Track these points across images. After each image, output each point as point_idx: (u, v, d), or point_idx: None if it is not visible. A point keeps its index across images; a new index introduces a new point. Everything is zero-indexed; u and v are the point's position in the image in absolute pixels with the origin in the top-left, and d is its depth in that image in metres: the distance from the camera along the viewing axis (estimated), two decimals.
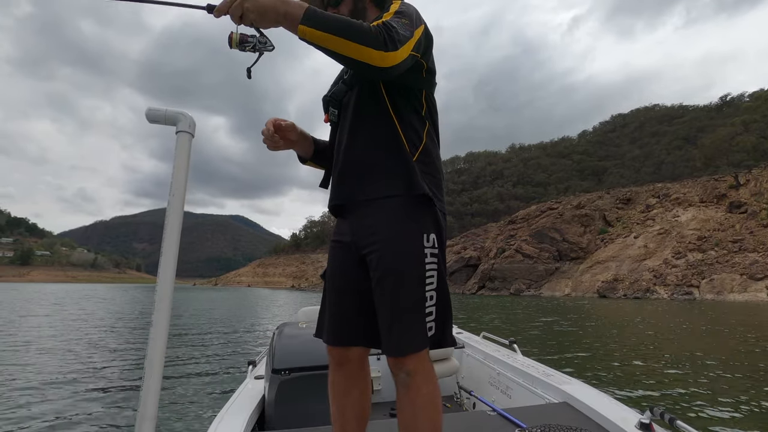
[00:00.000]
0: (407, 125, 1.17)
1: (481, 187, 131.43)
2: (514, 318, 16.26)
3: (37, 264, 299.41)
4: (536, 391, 2.11)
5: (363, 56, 0.98)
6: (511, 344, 2.68)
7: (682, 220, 56.54)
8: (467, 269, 77.07)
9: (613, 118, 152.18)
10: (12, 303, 22.00)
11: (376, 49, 0.98)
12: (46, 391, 4.50)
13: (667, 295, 44.15)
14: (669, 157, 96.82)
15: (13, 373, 5.28)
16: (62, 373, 5.35)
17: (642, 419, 1.52)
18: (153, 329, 0.74)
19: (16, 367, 5.66)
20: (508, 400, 2.31)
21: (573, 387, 1.96)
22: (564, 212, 72.05)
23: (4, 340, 8.11)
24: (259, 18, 0.99)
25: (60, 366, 5.78)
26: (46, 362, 6.02)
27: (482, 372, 2.68)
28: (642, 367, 6.32)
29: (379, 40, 0.99)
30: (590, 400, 1.77)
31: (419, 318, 1.08)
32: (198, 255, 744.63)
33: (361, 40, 0.97)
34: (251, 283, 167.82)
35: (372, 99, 1.17)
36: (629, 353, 7.65)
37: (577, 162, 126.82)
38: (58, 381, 4.94)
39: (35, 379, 4.98)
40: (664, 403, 4.39)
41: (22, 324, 11.57)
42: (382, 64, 1.01)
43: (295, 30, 0.99)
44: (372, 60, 0.99)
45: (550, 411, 1.82)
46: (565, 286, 57.62)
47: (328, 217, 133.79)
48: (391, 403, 2.52)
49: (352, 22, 0.99)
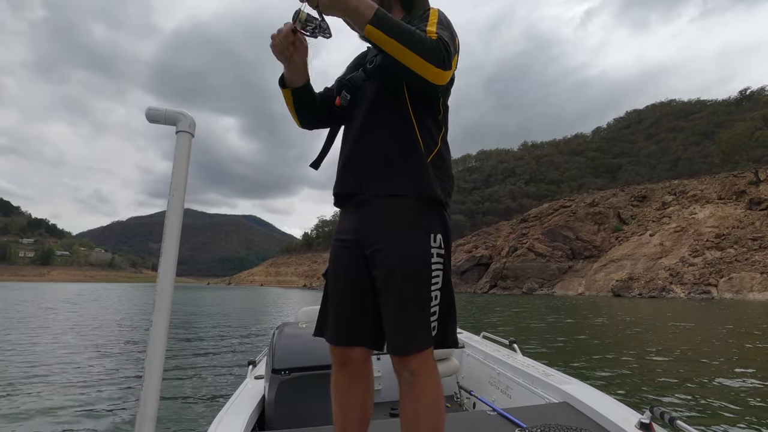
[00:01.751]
0: (424, 128, 1.17)
1: (493, 185, 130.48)
2: (521, 317, 16.12)
3: (57, 264, 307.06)
4: (536, 391, 2.10)
5: (422, 70, 1.01)
6: (511, 344, 2.66)
7: (700, 217, 55.34)
8: (479, 268, 76.70)
9: (627, 114, 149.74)
10: (32, 302, 22.54)
11: (435, 66, 1.00)
12: (46, 391, 4.51)
13: (684, 294, 43.30)
14: (686, 154, 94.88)
15: (14, 373, 5.33)
16: (62, 373, 5.38)
17: (642, 419, 1.51)
18: (153, 329, 0.75)
19: (16, 366, 5.72)
20: (508, 400, 2.30)
21: (573, 387, 1.94)
22: (577, 210, 71.20)
23: (9, 339, 8.22)
24: (330, 3, 0.98)
25: (60, 366, 5.80)
26: (46, 362, 6.06)
27: (482, 372, 2.67)
28: (654, 368, 6.21)
29: (439, 57, 1.00)
30: (590, 400, 1.76)
31: (424, 317, 1.08)
32: (212, 255, 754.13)
33: (424, 54, 0.99)
34: (264, 282, 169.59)
35: (393, 96, 1.16)
36: (643, 353, 7.53)
37: (591, 159, 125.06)
38: (58, 381, 4.96)
39: (36, 379, 5.01)
40: (682, 406, 4.31)
41: (30, 323, 11.80)
42: (436, 81, 1.03)
43: (362, 27, 1.00)
44: (429, 75, 1.01)
45: (550, 411, 1.81)
46: (578, 285, 56.93)
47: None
48: (391, 403, 2.52)
49: (416, 33, 1.00)
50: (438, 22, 1.11)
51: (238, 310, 19.54)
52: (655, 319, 15.40)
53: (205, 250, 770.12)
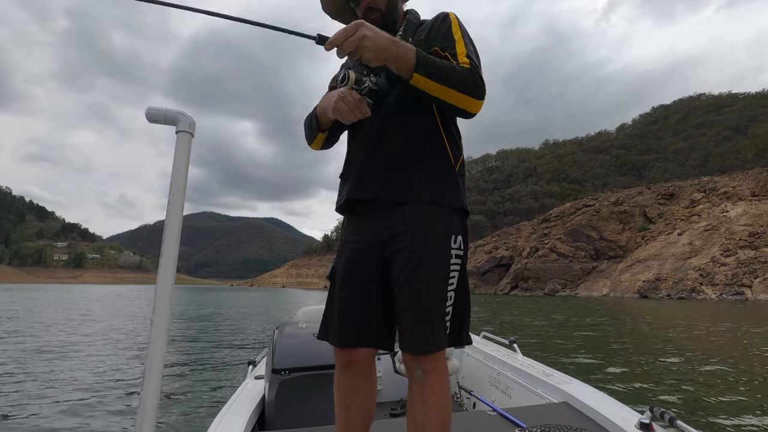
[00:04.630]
0: (450, 136, 1.18)
1: (514, 185, 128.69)
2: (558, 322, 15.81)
3: (89, 266, 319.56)
4: (536, 391, 2.08)
5: (462, 104, 1.04)
6: (511, 344, 2.64)
7: (732, 215, 53.17)
8: (499, 269, 75.77)
9: (654, 110, 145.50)
10: (63, 304, 23.39)
11: (475, 98, 1.04)
12: (47, 390, 4.55)
13: (716, 296, 41.67)
14: (717, 149, 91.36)
15: (15, 371, 5.42)
16: (63, 372, 5.45)
17: (642, 419, 1.49)
18: (153, 329, 0.76)
19: (17, 366, 5.81)
20: (508, 399, 2.28)
21: (573, 387, 1.92)
22: (601, 209, 69.52)
23: (15, 342, 8.31)
24: (374, 57, 0.97)
25: (61, 364, 5.89)
26: (48, 361, 6.13)
27: (482, 372, 2.65)
28: (668, 368, 6.01)
29: (477, 90, 1.04)
30: (590, 400, 1.74)
31: (440, 318, 1.09)
32: (236, 257, 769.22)
33: (465, 90, 1.02)
34: (285, 284, 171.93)
35: (419, 103, 1.14)
36: (664, 354, 7.29)
37: (616, 157, 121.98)
38: (58, 380, 5.02)
39: (37, 378, 5.10)
40: (687, 406, 4.19)
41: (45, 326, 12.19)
42: (475, 111, 1.07)
43: (407, 75, 1.01)
44: (469, 108, 1.06)
45: (550, 411, 1.80)
46: (602, 286, 55.55)
47: None
48: (391, 403, 2.52)
49: (455, 70, 1.02)
50: (464, 40, 1.11)
51: (260, 312, 19.75)
52: (686, 321, 14.88)
53: (229, 252, 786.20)
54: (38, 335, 9.25)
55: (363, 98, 1.08)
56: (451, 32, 1.12)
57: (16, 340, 8.55)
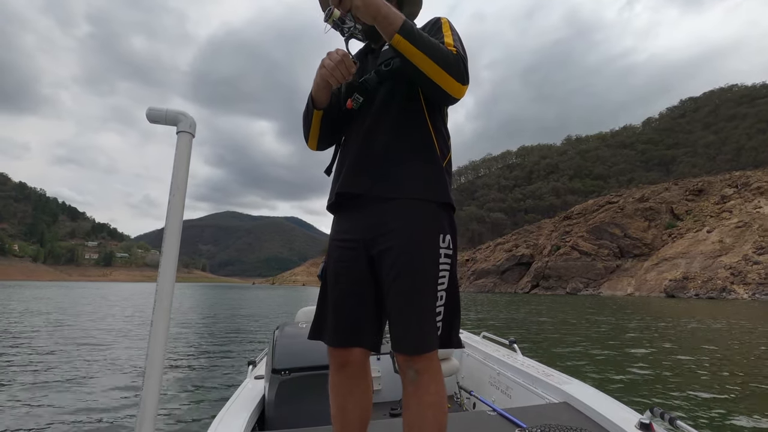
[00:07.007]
0: (439, 133, 1.18)
1: (535, 182, 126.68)
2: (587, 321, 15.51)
3: (118, 265, 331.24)
4: (536, 391, 2.07)
5: (444, 83, 1.05)
6: (511, 344, 2.63)
7: (766, 211, 50.88)
8: (519, 267, 74.73)
9: (682, 103, 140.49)
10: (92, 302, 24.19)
11: (457, 81, 1.05)
12: (47, 390, 4.56)
13: (748, 295, 40.00)
14: (750, 143, 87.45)
15: (16, 371, 5.46)
16: (63, 372, 5.48)
17: (642, 419, 1.48)
18: (153, 329, 0.75)
19: (18, 365, 5.86)
20: (508, 400, 2.28)
21: (573, 387, 1.91)
22: (625, 206, 67.64)
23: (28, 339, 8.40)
24: (363, 7, 1.01)
25: (62, 365, 5.92)
26: (49, 361, 6.17)
27: (482, 372, 2.65)
28: (680, 367, 5.81)
29: (460, 72, 1.05)
30: (590, 400, 1.73)
31: (431, 318, 1.09)
32: (257, 255, 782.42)
33: (447, 69, 1.03)
34: (306, 282, 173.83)
35: (408, 100, 1.16)
36: (714, 360, 7.06)
37: (641, 152, 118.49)
38: (58, 380, 5.04)
39: (38, 377, 5.13)
40: (689, 407, 4.09)
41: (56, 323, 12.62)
42: (457, 95, 1.08)
43: (390, 35, 1.03)
44: (451, 90, 1.06)
45: (550, 411, 1.79)
46: (627, 284, 54.06)
47: None
48: (391, 403, 2.54)
49: (440, 47, 1.04)
50: (453, 36, 1.12)
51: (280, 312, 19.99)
52: (726, 322, 14.35)
53: (250, 251, 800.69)
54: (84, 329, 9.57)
55: (348, 54, 1.08)
56: (441, 30, 1.15)
57: (62, 333, 8.91)
